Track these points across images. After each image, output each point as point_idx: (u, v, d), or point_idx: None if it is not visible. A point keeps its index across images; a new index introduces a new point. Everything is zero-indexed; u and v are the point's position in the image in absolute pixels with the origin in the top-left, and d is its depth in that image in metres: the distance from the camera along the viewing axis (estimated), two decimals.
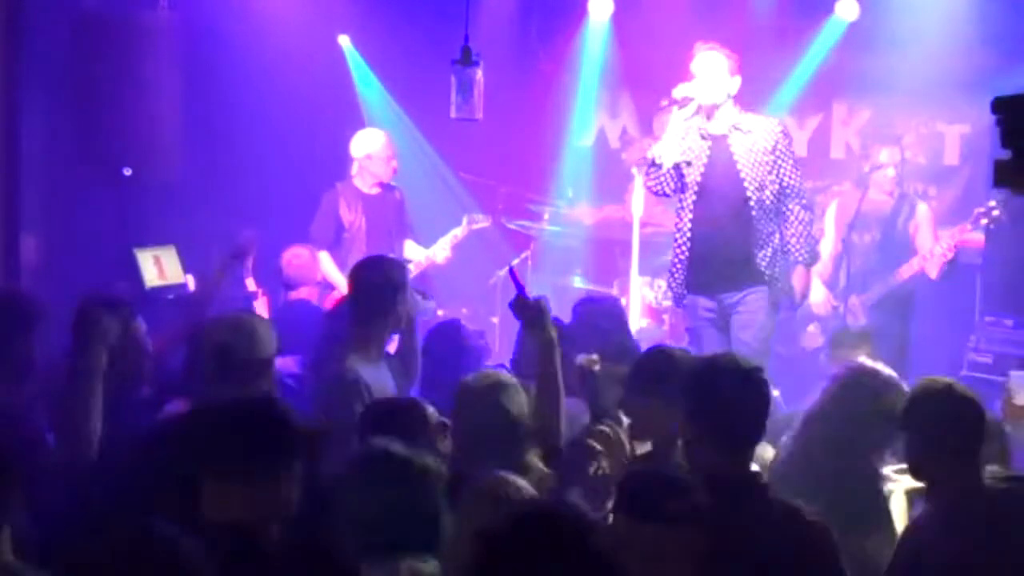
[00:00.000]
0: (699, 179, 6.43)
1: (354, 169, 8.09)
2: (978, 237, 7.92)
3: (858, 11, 8.89)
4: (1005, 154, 2.80)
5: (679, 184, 6.47)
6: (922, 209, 7.61)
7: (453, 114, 6.48)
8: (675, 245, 6.54)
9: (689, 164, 6.43)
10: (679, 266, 6.49)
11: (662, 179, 6.48)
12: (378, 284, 5.16)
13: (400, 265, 5.48)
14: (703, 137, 6.44)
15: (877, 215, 7.58)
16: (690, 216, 6.46)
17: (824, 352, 6.80)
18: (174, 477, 3.19)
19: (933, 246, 7.31)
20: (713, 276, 6.41)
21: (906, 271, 7.36)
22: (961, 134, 9.25)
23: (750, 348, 6.02)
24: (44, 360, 4.74)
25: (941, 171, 9.15)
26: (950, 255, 7.20)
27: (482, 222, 8.41)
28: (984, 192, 8.40)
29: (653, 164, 6.49)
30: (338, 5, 9.20)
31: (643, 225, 8.62)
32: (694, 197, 6.44)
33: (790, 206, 6.40)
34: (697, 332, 6.49)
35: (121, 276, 7.56)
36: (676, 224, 6.56)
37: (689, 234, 6.45)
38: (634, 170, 9.11)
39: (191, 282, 7.83)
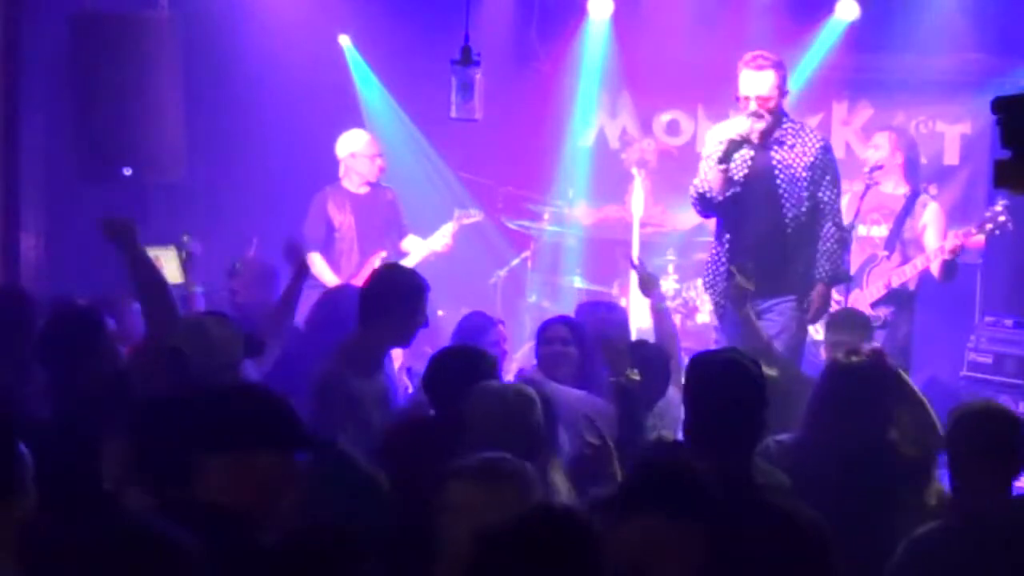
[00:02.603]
0: (738, 189, 6.35)
1: (341, 170, 8.11)
2: (979, 237, 7.91)
3: (858, 11, 8.89)
4: (1005, 154, 2.80)
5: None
6: (932, 208, 7.59)
7: (453, 114, 6.48)
8: (712, 253, 6.53)
9: (734, 182, 6.35)
10: (719, 277, 6.45)
11: (712, 209, 6.44)
12: (391, 295, 5.07)
13: (420, 281, 5.27)
14: (748, 147, 6.33)
15: (886, 210, 7.56)
16: (728, 224, 6.43)
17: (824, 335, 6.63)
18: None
19: (939, 245, 7.28)
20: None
21: (910, 269, 7.35)
22: (961, 134, 9.24)
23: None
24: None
25: (941, 171, 9.14)
26: (949, 257, 7.19)
27: (474, 217, 8.38)
28: (984, 192, 8.41)
29: (704, 197, 6.36)
30: (338, 5, 9.19)
31: (643, 225, 8.63)
32: (732, 205, 6.37)
33: (823, 223, 6.38)
34: (726, 331, 6.48)
35: (121, 276, 7.55)
36: (716, 232, 6.55)
37: (727, 244, 6.42)
38: (634, 170, 9.13)
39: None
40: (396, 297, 5.05)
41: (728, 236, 6.42)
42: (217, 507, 2.98)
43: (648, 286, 6.08)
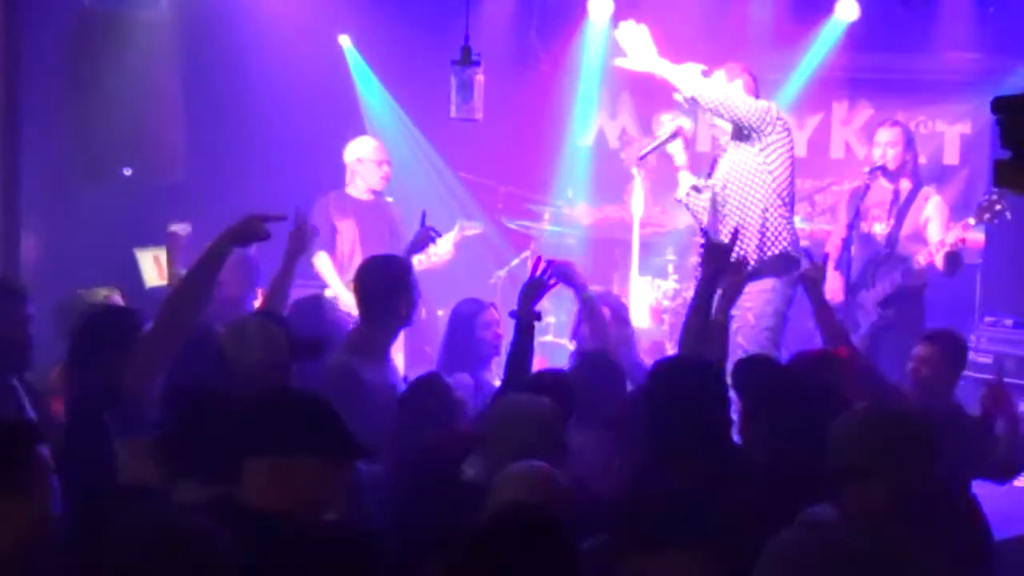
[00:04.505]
0: (713, 186, 6.57)
1: (347, 176, 8.09)
2: (978, 236, 7.91)
3: (858, 11, 8.89)
4: (1005, 154, 2.80)
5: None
6: (934, 201, 7.59)
7: (453, 114, 6.49)
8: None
9: (698, 190, 6.62)
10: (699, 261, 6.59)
11: (690, 209, 6.69)
12: (379, 284, 5.25)
13: (402, 264, 5.55)
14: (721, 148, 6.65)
15: (889, 207, 7.54)
16: (706, 220, 6.58)
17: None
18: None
19: (942, 238, 7.28)
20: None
21: (915, 264, 7.33)
22: (961, 134, 9.25)
23: (744, 351, 6.04)
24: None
25: (941, 171, 9.14)
26: (951, 250, 7.19)
27: (475, 228, 8.39)
28: (984, 192, 8.40)
29: (676, 200, 6.74)
30: (338, 5, 9.20)
31: (643, 225, 8.63)
32: (709, 204, 6.60)
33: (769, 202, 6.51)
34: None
35: (121, 276, 7.56)
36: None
37: (704, 238, 6.54)
38: (634, 170, 9.13)
39: None
40: (389, 287, 5.24)
41: (705, 231, 6.55)
42: (258, 509, 2.96)
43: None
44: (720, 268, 5.04)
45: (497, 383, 5.44)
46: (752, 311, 6.39)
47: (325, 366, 5.02)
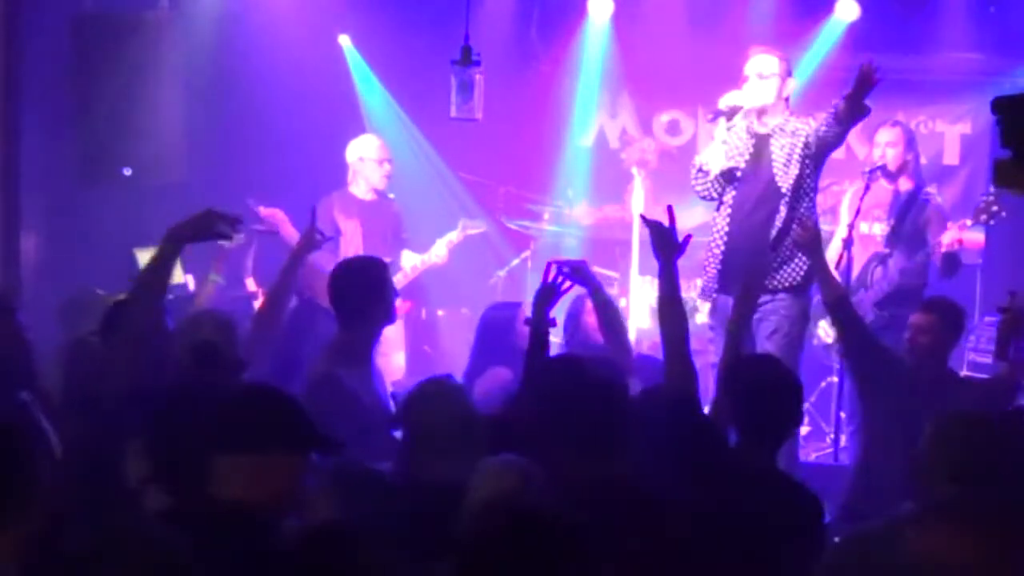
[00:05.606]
0: (739, 177, 6.41)
1: (349, 175, 8.09)
2: (978, 237, 7.90)
3: (858, 11, 8.89)
4: (1005, 154, 2.80)
5: (725, 188, 6.47)
6: (935, 203, 7.59)
7: (453, 114, 6.50)
8: (710, 241, 6.48)
9: (731, 180, 6.43)
10: (711, 261, 6.44)
11: (709, 185, 6.47)
12: (355, 286, 5.17)
13: (378, 264, 5.45)
14: (750, 135, 6.42)
15: (889, 207, 7.54)
16: (727, 212, 6.43)
17: None
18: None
19: (939, 239, 7.28)
20: (741, 275, 6.34)
21: (913, 265, 7.33)
22: (961, 134, 9.25)
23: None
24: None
25: (941, 171, 9.14)
26: (948, 251, 7.19)
27: (477, 228, 8.38)
28: (984, 192, 8.41)
29: (700, 171, 6.48)
30: (338, 5, 9.20)
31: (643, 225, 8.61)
32: (733, 193, 6.43)
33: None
34: (719, 331, 6.45)
35: (121, 276, 7.56)
36: (713, 219, 6.52)
37: (725, 231, 6.42)
38: (634, 170, 9.12)
39: (191, 282, 7.82)
40: (367, 288, 5.16)
41: (726, 224, 6.42)
42: (231, 507, 2.98)
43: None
44: (672, 252, 5.00)
45: None
46: (788, 319, 6.33)
47: (308, 375, 5.00)
